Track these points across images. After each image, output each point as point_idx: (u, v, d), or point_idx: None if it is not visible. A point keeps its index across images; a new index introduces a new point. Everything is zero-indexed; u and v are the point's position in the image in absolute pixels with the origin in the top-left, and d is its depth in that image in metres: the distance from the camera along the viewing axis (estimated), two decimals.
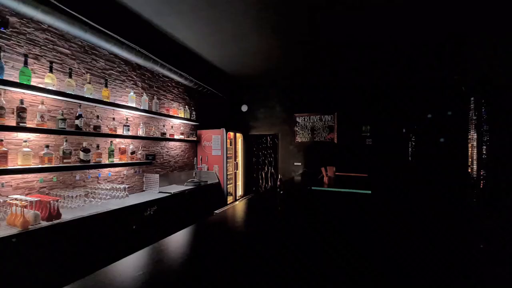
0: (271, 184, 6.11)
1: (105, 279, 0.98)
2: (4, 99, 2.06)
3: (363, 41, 3.68)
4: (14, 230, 1.82)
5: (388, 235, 1.59)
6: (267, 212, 2.24)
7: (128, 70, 3.41)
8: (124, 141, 3.29)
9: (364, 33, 3.44)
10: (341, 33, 3.45)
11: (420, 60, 4.36)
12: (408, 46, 3.85)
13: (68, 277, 2.03)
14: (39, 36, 2.36)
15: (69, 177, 2.65)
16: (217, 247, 1.39)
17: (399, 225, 1.79)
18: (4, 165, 2.04)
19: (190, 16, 2.98)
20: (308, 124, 5.77)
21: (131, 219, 2.73)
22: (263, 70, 4.99)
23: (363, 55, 4.23)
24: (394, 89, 5.16)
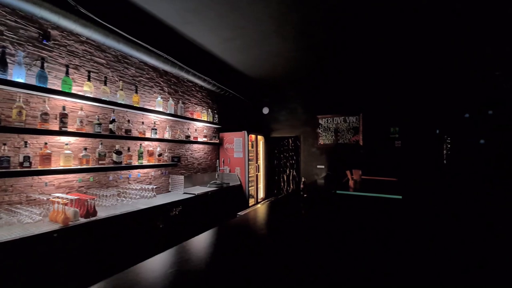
0: (293, 187, 6.02)
1: (140, 275, 1.03)
2: (48, 106, 2.28)
3: (390, 37, 3.49)
4: (56, 226, 1.98)
5: (425, 246, 1.47)
6: (290, 215, 2.20)
7: (156, 77, 3.60)
8: (152, 143, 3.46)
9: (392, 30, 3.27)
10: (366, 32, 3.31)
11: (456, 54, 4.04)
12: (441, 39, 3.58)
13: (103, 271, 2.17)
14: (78, 48, 2.58)
15: (104, 178, 2.84)
16: (242, 249, 1.39)
17: (436, 235, 1.65)
18: (48, 166, 2.24)
19: (214, 22, 3.06)
20: (331, 125, 5.61)
21: (158, 218, 2.84)
22: (285, 72, 4.96)
23: (391, 53, 4.02)
24: (425, 87, 4.82)
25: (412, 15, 2.91)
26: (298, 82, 5.59)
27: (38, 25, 2.26)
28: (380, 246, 1.42)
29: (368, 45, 3.73)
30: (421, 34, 3.40)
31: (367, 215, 2.17)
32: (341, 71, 4.89)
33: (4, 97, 2.05)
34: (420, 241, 1.53)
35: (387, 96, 5.11)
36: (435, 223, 1.98)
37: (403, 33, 3.37)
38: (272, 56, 4.14)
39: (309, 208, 2.43)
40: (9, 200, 2.09)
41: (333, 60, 4.34)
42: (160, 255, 1.25)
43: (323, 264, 1.16)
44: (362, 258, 1.24)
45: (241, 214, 2.45)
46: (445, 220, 2.09)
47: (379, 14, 2.89)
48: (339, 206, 2.51)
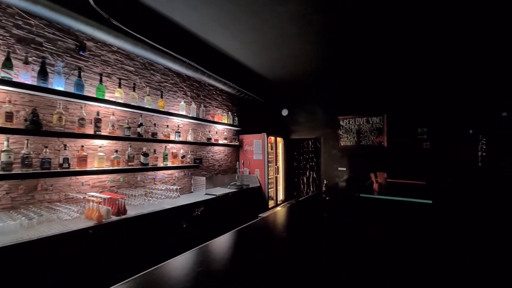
0: (313, 189, 5.92)
1: (170, 272, 1.08)
2: (84, 111, 2.47)
3: (416, 33, 3.33)
4: (91, 222, 2.12)
5: (463, 259, 1.37)
6: (312, 218, 2.17)
7: (179, 82, 3.75)
8: (175, 146, 3.60)
9: (419, 24, 3.11)
10: (390, 29, 3.19)
11: (492, 47, 3.74)
12: (475, 31, 3.34)
13: (132, 267, 2.29)
14: (110, 57, 2.77)
15: (132, 178, 3.00)
16: (266, 251, 1.40)
17: (475, 246, 1.53)
18: (84, 167, 2.43)
19: (235, 26, 3.12)
20: (353, 127, 5.44)
21: (182, 218, 2.94)
22: (304, 73, 4.91)
23: (417, 49, 3.82)
24: (457, 84, 4.51)
25: (440, 8, 2.75)
26: (318, 83, 5.51)
27: (75, 37, 2.47)
28: (411, 255, 1.35)
29: (392, 42, 3.59)
30: (451, 26, 3.20)
31: (394, 220, 2.07)
32: (364, 70, 4.74)
33: (46, 104, 2.25)
34: (457, 252, 1.44)
35: (414, 95, 4.86)
36: (472, 231, 1.84)
37: (431, 28, 3.19)
38: (292, 58, 4.13)
39: (332, 211, 2.38)
40: (49, 198, 2.29)
41: (356, 59, 4.23)
42: (188, 253, 1.29)
43: (347, 272, 1.13)
44: (392, 268, 1.19)
45: (262, 216, 2.46)
46: (484, 228, 1.93)
47: (404, 9, 2.77)
48: (363, 210, 2.43)
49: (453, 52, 3.92)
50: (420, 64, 4.39)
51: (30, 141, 2.13)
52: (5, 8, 2.02)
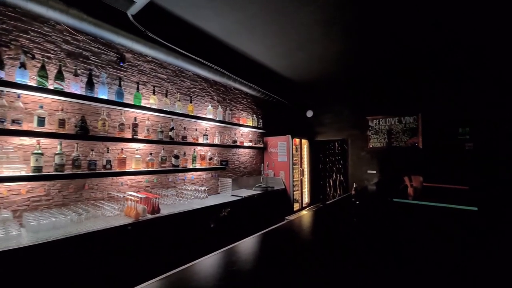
0: (340, 192, 5.72)
1: (205, 269, 1.14)
2: (124, 117, 2.69)
3: (456, 22, 3.07)
4: (129, 219, 2.30)
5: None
6: (341, 223, 2.11)
7: (207, 87, 3.90)
8: (203, 148, 3.74)
9: (460, 15, 2.87)
10: (424, 23, 2.99)
11: None
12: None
13: (165, 262, 2.43)
14: (146, 67, 2.99)
15: (164, 179, 3.19)
16: (293, 254, 1.40)
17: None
18: (123, 168, 2.64)
19: (260, 30, 3.17)
20: (383, 127, 5.17)
21: (210, 218, 3.04)
22: (330, 73, 4.80)
23: (455, 41, 3.52)
24: (504, 79, 4.06)
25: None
26: (345, 83, 5.34)
27: (116, 50, 2.71)
28: (458, 272, 1.25)
29: (426, 34, 3.35)
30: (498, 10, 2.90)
31: (434, 228, 1.93)
32: (395, 68, 4.49)
33: (92, 111, 2.50)
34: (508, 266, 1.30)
35: (454, 91, 4.48)
36: None
37: (473, 14, 2.93)
38: (317, 58, 4.07)
39: (363, 216, 2.29)
40: (94, 196, 2.53)
41: (385, 56, 4.02)
42: (219, 252, 1.35)
43: (380, 284, 1.08)
44: (432, 282, 1.11)
45: (289, 219, 2.45)
46: None
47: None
48: (397, 216, 2.30)
49: (500, 39, 3.54)
50: (461, 56, 4.04)
51: (79, 144, 2.38)
52: (55, 25, 2.29)
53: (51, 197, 2.23)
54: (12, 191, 2.03)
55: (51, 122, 2.18)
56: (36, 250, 1.68)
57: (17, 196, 2.06)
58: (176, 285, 1.04)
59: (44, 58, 2.19)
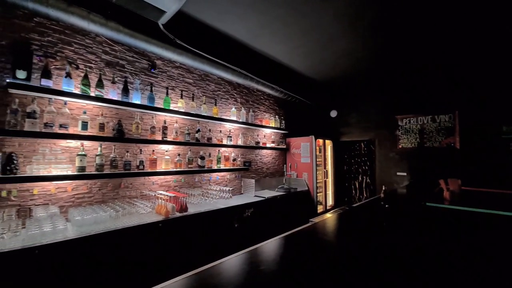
0: (367, 195, 5.49)
1: (235, 267, 1.18)
2: (154, 120, 2.86)
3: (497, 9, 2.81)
4: (160, 217, 2.43)
5: None
6: (370, 227, 2.03)
7: (231, 89, 3.99)
8: (227, 149, 3.83)
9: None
10: (460, 11, 2.77)
11: None
12: None
13: (192, 258, 2.53)
14: (174, 72, 3.15)
15: (191, 179, 3.32)
16: (319, 257, 1.38)
17: None
18: (154, 168, 2.80)
19: (282, 31, 3.18)
20: (414, 127, 4.87)
21: (234, 218, 3.11)
22: (355, 72, 4.64)
23: (496, 29, 3.21)
24: None
25: None
26: (371, 81, 5.12)
27: (147, 58, 2.89)
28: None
29: (462, 25, 3.10)
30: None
31: (476, 236, 1.78)
32: (426, 63, 4.21)
33: (127, 116, 2.69)
34: None
35: (496, 85, 4.08)
36: None
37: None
38: (341, 57, 3.96)
39: (393, 220, 2.18)
40: (129, 195, 2.71)
41: (416, 51, 3.79)
42: (246, 251, 1.38)
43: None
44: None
45: (314, 221, 2.41)
46: None
47: None
48: (430, 222, 2.15)
49: None
50: (505, 43, 3.67)
51: (116, 146, 2.57)
52: (95, 37, 2.50)
53: (92, 194, 2.45)
54: (59, 189, 2.26)
55: (93, 126, 2.40)
56: (80, 242, 1.86)
57: (63, 193, 2.28)
58: (206, 281, 1.08)
59: (87, 68, 2.41)
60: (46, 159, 2.13)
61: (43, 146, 2.16)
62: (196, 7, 2.64)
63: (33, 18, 2.15)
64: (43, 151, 2.15)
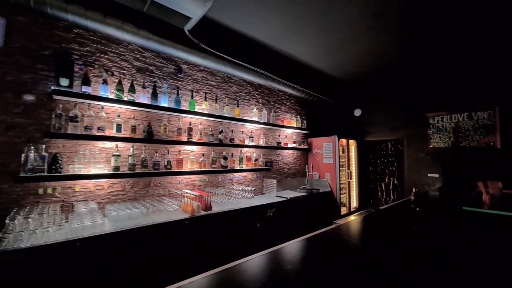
0: (394, 197, 5.23)
1: (261, 265, 1.20)
2: (181, 122, 2.99)
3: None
4: (186, 215, 2.53)
5: None
6: (398, 230, 1.94)
7: (252, 90, 4.04)
8: (249, 150, 3.88)
9: None
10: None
11: None
12: None
13: (216, 255, 2.60)
14: (198, 76, 3.26)
15: (214, 179, 3.42)
16: (347, 260, 1.36)
17: None
18: (180, 168, 2.92)
19: (304, 31, 3.14)
20: (447, 125, 4.54)
21: (256, 218, 3.14)
22: (380, 68, 4.44)
23: None
24: None
25: None
26: (399, 77, 4.87)
27: (174, 63, 3.03)
28: None
29: (502, 8, 2.83)
30: None
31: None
32: (461, 54, 3.91)
33: (156, 118, 2.85)
34: None
35: None
36: None
37: None
38: (366, 53, 3.81)
39: (425, 225, 2.06)
40: (158, 193, 2.86)
41: (450, 42, 3.54)
42: (271, 250, 1.39)
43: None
44: None
45: (338, 223, 2.36)
46: None
47: None
48: (470, 227, 2.00)
49: None
50: None
51: (146, 147, 2.73)
52: (127, 45, 2.68)
53: (125, 192, 2.62)
54: (97, 186, 2.46)
55: (126, 128, 2.57)
56: (115, 236, 2.00)
57: (101, 191, 2.48)
58: (234, 278, 1.12)
59: (120, 74, 2.59)
60: (86, 159, 2.33)
61: (84, 147, 2.37)
62: (219, 12, 2.71)
63: (72, 30, 2.36)
64: (83, 152, 2.35)
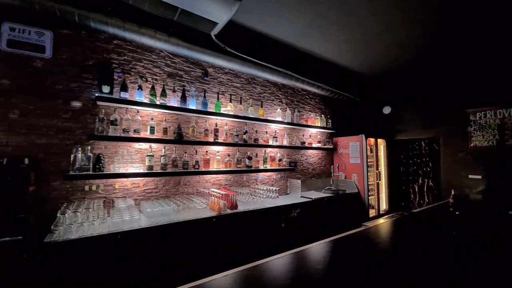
0: (429, 200, 4.88)
1: (290, 264, 1.22)
2: (207, 124, 3.11)
3: None
4: (213, 213, 2.63)
5: None
6: (435, 235, 1.82)
7: (276, 91, 4.06)
8: (273, 150, 3.90)
9: None
10: None
11: None
12: None
13: (243, 253, 2.66)
14: (223, 78, 3.37)
15: (239, 178, 3.49)
16: (378, 265, 1.32)
17: None
18: (207, 167, 3.04)
19: (329, 28, 3.08)
20: (492, 121, 4.12)
21: (281, 218, 3.14)
22: (413, 62, 4.17)
23: None
24: None
25: None
26: (434, 71, 4.53)
27: (201, 67, 3.17)
28: None
29: None
30: None
31: None
32: (509, 41, 3.52)
33: (185, 120, 3.00)
34: None
35: None
36: None
37: None
38: (396, 46, 3.61)
39: (465, 230, 1.91)
40: (187, 191, 3.01)
41: (495, 30, 3.21)
42: (298, 250, 1.40)
43: None
44: None
45: (367, 225, 2.28)
46: None
47: None
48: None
49: None
50: None
51: (176, 148, 2.89)
52: (159, 52, 2.86)
53: (158, 190, 2.80)
54: (134, 184, 2.66)
55: (158, 131, 2.75)
56: (150, 231, 2.15)
57: (137, 188, 2.68)
58: (265, 274, 1.15)
59: (153, 80, 2.78)
60: (124, 159, 2.54)
61: (122, 148, 2.58)
62: (243, 15, 2.77)
63: (112, 41, 2.58)
64: (122, 152, 2.56)
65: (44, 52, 2.24)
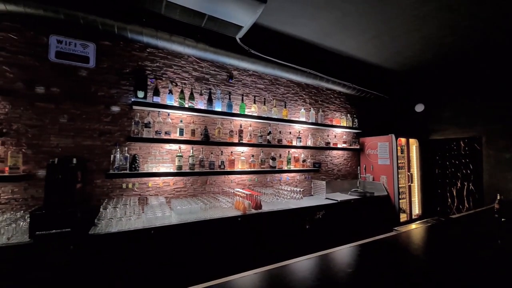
0: (469, 205, 4.47)
1: (321, 266, 1.22)
2: (232, 125, 3.19)
3: None
4: (238, 212, 2.68)
5: None
6: (476, 244, 1.68)
7: (299, 91, 4.02)
8: (297, 150, 3.87)
9: None
10: None
11: None
12: None
13: (267, 253, 2.69)
14: (247, 80, 3.43)
15: (263, 179, 3.53)
16: (409, 275, 1.26)
17: None
18: (232, 168, 3.12)
19: (355, 25, 2.98)
20: None
21: (305, 219, 3.11)
22: (449, 55, 3.86)
23: None
24: None
25: None
26: (474, 64, 4.15)
27: (226, 70, 3.26)
28: None
29: None
30: None
31: None
32: None
33: (211, 122, 3.11)
34: None
35: None
36: None
37: None
38: (430, 40, 3.38)
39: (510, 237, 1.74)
40: (213, 190, 3.12)
41: None
42: (327, 252, 1.39)
43: None
44: None
45: (399, 230, 2.17)
46: None
47: None
48: None
49: None
50: None
51: (203, 148, 3.01)
52: (187, 58, 3.00)
53: (186, 189, 2.94)
54: (165, 183, 2.82)
55: (186, 132, 2.89)
56: (180, 227, 2.28)
57: (167, 187, 2.84)
58: (292, 275, 1.17)
59: (182, 84, 2.93)
60: (156, 159, 2.71)
61: (155, 149, 2.76)
62: (267, 17, 2.80)
63: (146, 49, 2.77)
64: (154, 153, 2.74)
65: (88, 63, 2.48)
